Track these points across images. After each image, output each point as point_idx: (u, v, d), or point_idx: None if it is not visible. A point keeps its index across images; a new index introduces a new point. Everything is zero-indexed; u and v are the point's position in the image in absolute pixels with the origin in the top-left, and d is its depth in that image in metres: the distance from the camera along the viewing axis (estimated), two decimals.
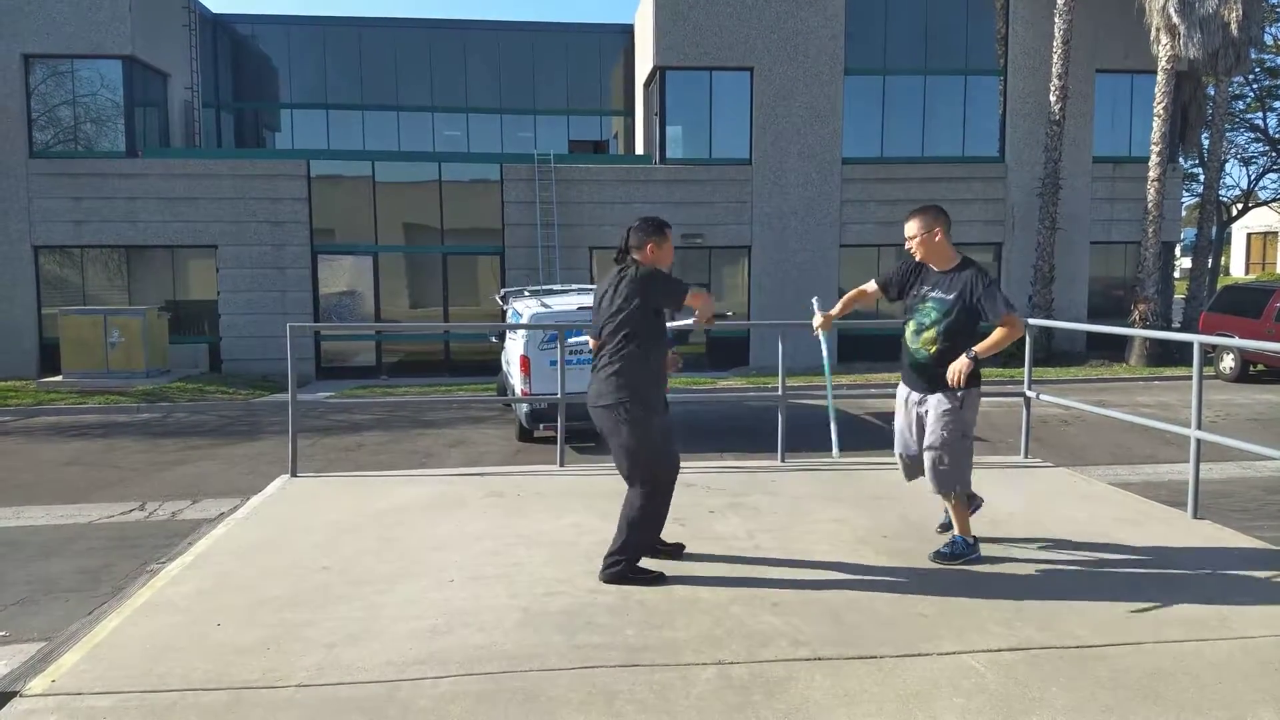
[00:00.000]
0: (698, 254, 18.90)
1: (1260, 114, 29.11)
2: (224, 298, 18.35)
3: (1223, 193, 27.92)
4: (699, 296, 4.39)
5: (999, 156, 20.04)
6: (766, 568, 4.53)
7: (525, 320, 10.82)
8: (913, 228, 4.59)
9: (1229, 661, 3.46)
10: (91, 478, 9.85)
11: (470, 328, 17.93)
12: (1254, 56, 20.71)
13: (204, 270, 18.52)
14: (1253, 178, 31.21)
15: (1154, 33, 18.34)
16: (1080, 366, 18.23)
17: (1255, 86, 28.13)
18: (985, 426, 4.43)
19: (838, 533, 5.08)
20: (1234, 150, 29.63)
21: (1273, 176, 32.32)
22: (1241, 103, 28.47)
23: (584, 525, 5.18)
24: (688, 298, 4.30)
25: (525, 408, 10.84)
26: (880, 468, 6.79)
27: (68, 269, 18.40)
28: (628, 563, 4.30)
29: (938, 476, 4.57)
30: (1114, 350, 19.20)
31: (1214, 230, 25.17)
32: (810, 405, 13.84)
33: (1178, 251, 27.17)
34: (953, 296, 4.48)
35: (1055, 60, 18.43)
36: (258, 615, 3.92)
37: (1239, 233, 42.08)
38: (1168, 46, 18.14)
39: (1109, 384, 16.75)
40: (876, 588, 4.24)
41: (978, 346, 4.39)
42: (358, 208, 18.72)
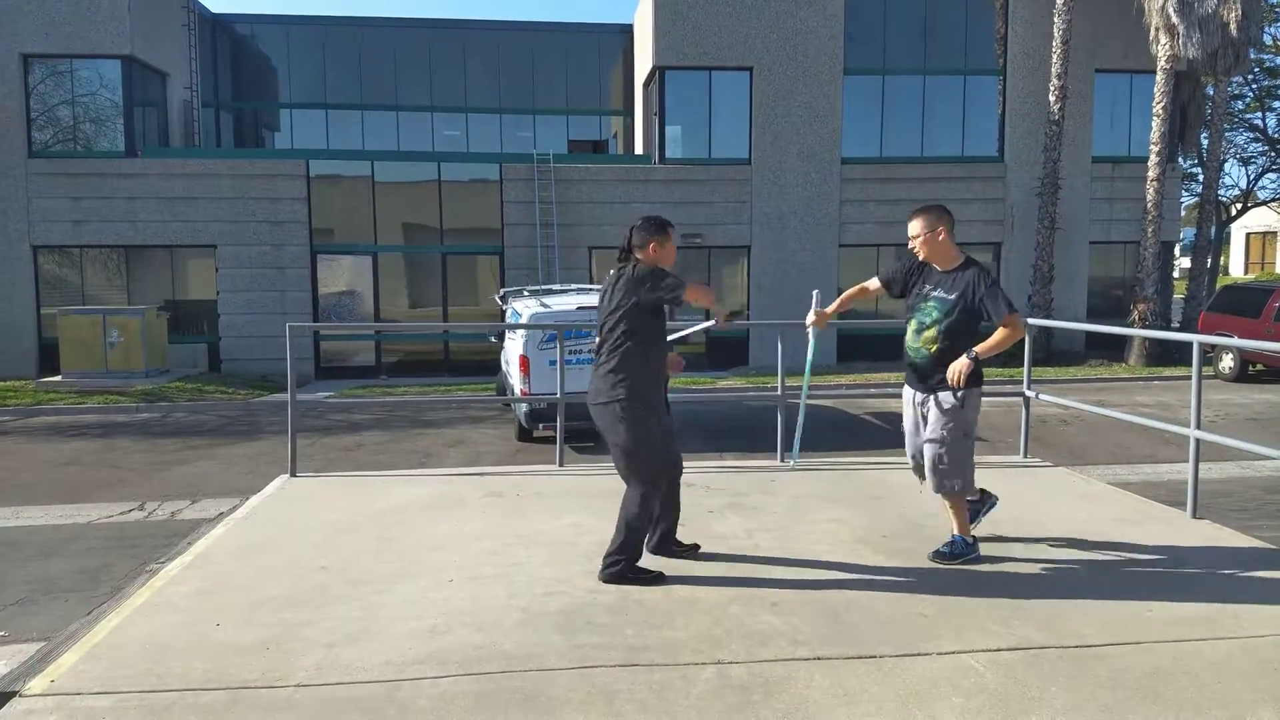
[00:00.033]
0: (697, 254, 18.90)
1: (1259, 114, 29.14)
2: (223, 297, 18.34)
3: (1222, 192, 27.93)
4: (697, 291, 4.28)
5: (998, 156, 20.05)
6: (766, 567, 4.53)
7: (524, 320, 10.82)
8: (916, 227, 4.58)
9: (1228, 661, 3.46)
10: (90, 478, 9.84)
11: (469, 328, 17.93)
12: (1253, 56, 20.72)
13: (203, 270, 18.52)
14: (1252, 177, 31.25)
15: (1153, 32, 18.35)
16: (1079, 366, 18.23)
17: (1254, 86, 28.15)
18: (984, 426, 4.42)
19: (837, 532, 5.08)
20: (1233, 150, 29.66)
21: (1272, 176, 32.35)
22: (1240, 103, 28.49)
23: (583, 525, 5.18)
24: (686, 293, 4.21)
25: (524, 407, 10.84)
26: (879, 467, 6.80)
27: (67, 269, 18.39)
28: (627, 563, 4.29)
29: (937, 475, 4.57)
30: (1113, 350, 19.21)
31: (1213, 230, 25.18)
32: (810, 405, 13.83)
33: (1177, 251, 27.21)
34: (954, 296, 4.46)
35: (1054, 60, 18.43)
36: (257, 615, 3.92)
37: (1238, 232, 42.12)
38: (1167, 46, 18.15)
39: (1108, 384, 16.76)
40: (876, 587, 4.24)
41: (978, 347, 4.38)
42: (357, 208, 18.72)
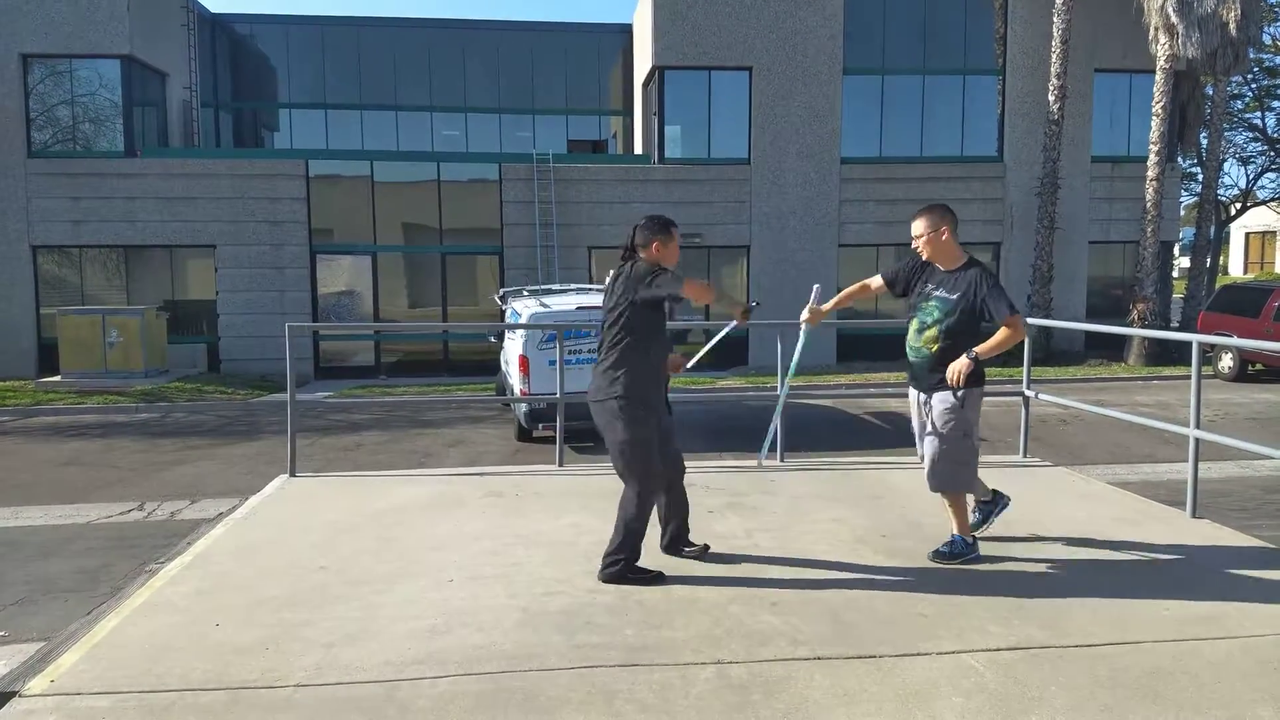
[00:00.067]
0: (696, 254, 18.89)
1: (1258, 113, 29.16)
2: (222, 297, 18.34)
3: (1221, 192, 27.97)
4: (695, 287, 4.22)
5: (997, 156, 20.05)
6: (765, 567, 4.53)
7: (524, 320, 10.82)
8: (919, 226, 4.56)
9: (1228, 660, 3.46)
10: (90, 478, 9.84)
11: (469, 328, 17.93)
12: (1252, 56, 20.73)
13: (202, 270, 18.51)
14: (1251, 177, 31.29)
15: (1153, 32, 18.36)
16: (1079, 366, 18.24)
17: (1254, 86, 28.17)
18: (984, 426, 4.43)
19: (836, 532, 5.08)
20: (1232, 150, 29.68)
21: (1271, 176, 32.37)
22: (1240, 102, 28.51)
23: (583, 525, 5.18)
24: (685, 289, 4.16)
25: (524, 407, 10.84)
26: (879, 467, 6.80)
27: (66, 269, 18.39)
28: (626, 562, 4.29)
29: (936, 474, 4.57)
30: (1113, 350, 19.21)
31: (1212, 230, 25.20)
32: (810, 404, 13.84)
33: (1176, 251, 27.24)
34: (956, 296, 4.46)
35: (1054, 60, 18.43)
36: (256, 615, 3.92)
37: (1237, 232, 42.15)
38: (1166, 46, 18.15)
39: (1108, 383, 16.76)
40: (875, 587, 4.24)
41: (978, 347, 4.37)
42: (356, 207, 18.72)
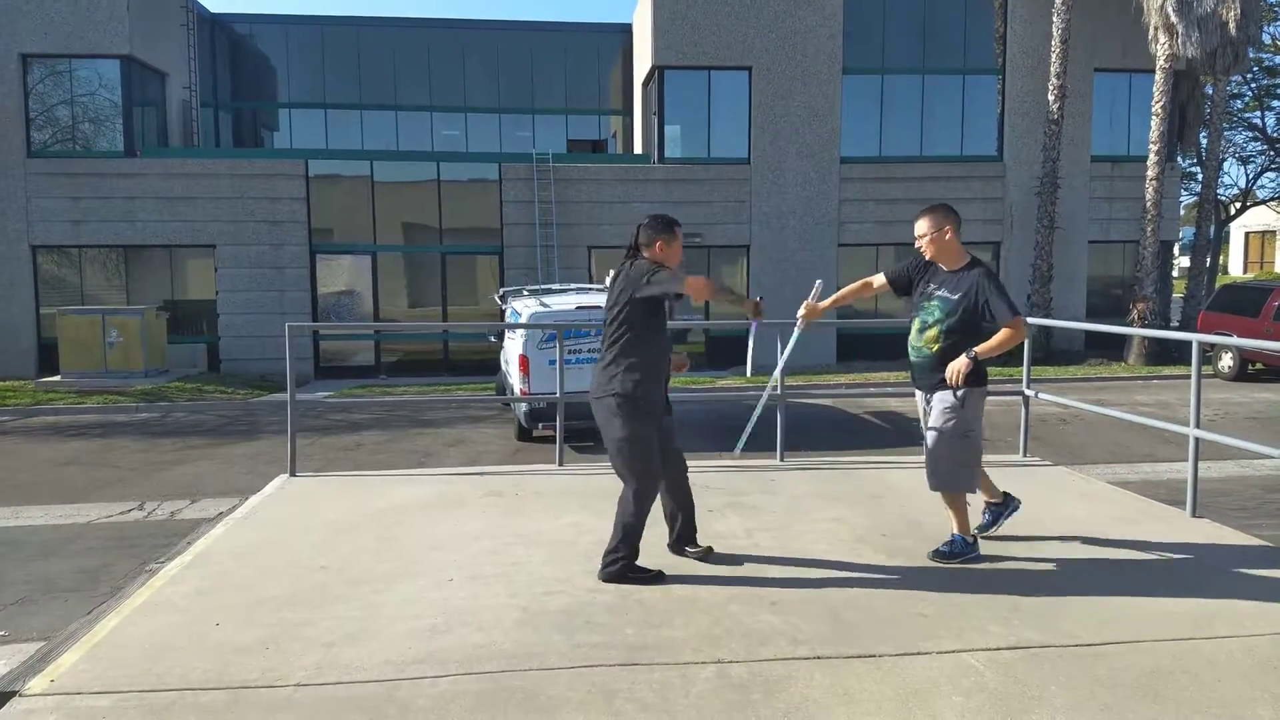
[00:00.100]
0: (696, 253, 18.88)
1: (1258, 113, 29.17)
2: (222, 297, 18.33)
3: (1221, 191, 27.97)
4: (694, 283, 4.19)
5: (997, 156, 20.05)
6: (765, 566, 4.53)
7: (524, 320, 10.81)
8: (923, 226, 4.56)
9: (1228, 660, 3.46)
10: (90, 477, 9.84)
11: (469, 327, 17.93)
12: (1252, 55, 20.74)
13: (202, 270, 18.51)
14: (1251, 176, 31.31)
15: (1152, 32, 18.36)
16: (1079, 365, 18.24)
17: (1253, 85, 28.17)
18: (984, 425, 4.40)
19: (836, 531, 5.08)
20: (1232, 149, 29.69)
21: (1271, 175, 32.42)
22: (1239, 102, 28.52)
23: (583, 525, 5.18)
24: (683, 285, 4.15)
25: (524, 407, 10.84)
26: (879, 466, 6.80)
27: (66, 269, 18.38)
28: (626, 561, 4.28)
29: (935, 474, 4.58)
30: (1112, 349, 19.22)
31: (1212, 229, 25.21)
32: (810, 404, 13.84)
33: (1176, 250, 27.23)
34: (958, 296, 4.46)
35: (1054, 59, 18.43)
36: (256, 615, 3.92)
37: (1237, 231, 42.17)
38: (1166, 45, 18.15)
39: (1107, 383, 16.76)
40: (875, 586, 4.24)
41: (978, 347, 4.37)
42: (356, 207, 18.72)
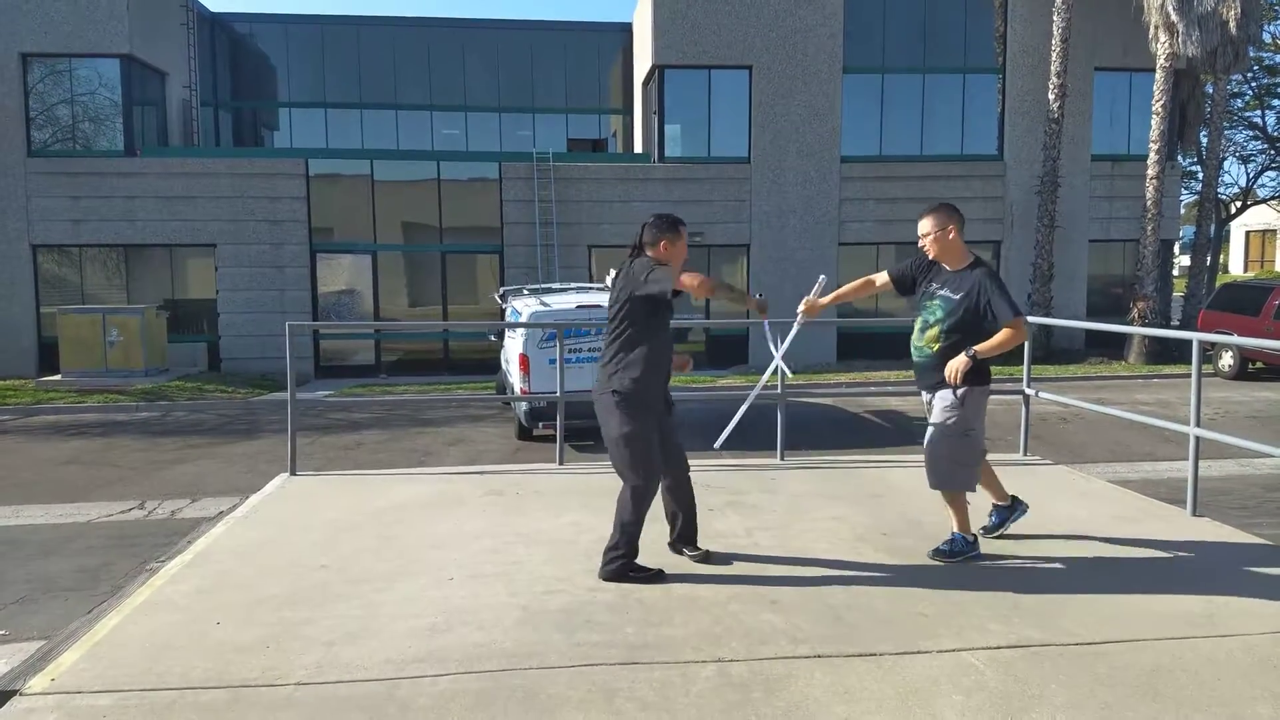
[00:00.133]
0: (696, 252, 18.88)
1: (1259, 112, 29.17)
2: (222, 296, 18.34)
3: (1221, 190, 27.98)
4: (692, 280, 4.19)
5: (998, 155, 20.05)
6: (765, 565, 4.53)
7: (524, 319, 10.81)
8: (926, 225, 4.56)
9: (1228, 659, 3.46)
10: (90, 476, 9.84)
11: (469, 326, 17.95)
12: (1252, 54, 20.72)
13: (202, 269, 18.51)
14: (1251, 175, 31.31)
15: (1153, 30, 18.36)
16: (1079, 364, 18.24)
17: (1254, 84, 28.17)
18: (985, 424, 4.39)
19: (837, 530, 5.08)
20: (1232, 148, 29.69)
21: (1271, 174, 32.44)
22: (1240, 100, 28.51)
23: (583, 524, 5.18)
24: (680, 281, 4.14)
25: (524, 406, 10.84)
26: (879, 465, 6.80)
27: (66, 268, 18.39)
28: (626, 560, 4.28)
29: (935, 472, 4.58)
30: (1113, 348, 19.22)
31: (1212, 228, 25.21)
32: (810, 402, 13.85)
33: (1176, 249, 27.21)
34: (959, 296, 4.46)
35: (1054, 58, 18.42)
36: (257, 614, 3.92)
37: (1237, 230, 42.17)
38: (1166, 44, 18.15)
39: (1108, 381, 16.77)
40: (876, 585, 4.24)
41: (979, 346, 4.36)
42: (356, 206, 18.72)
